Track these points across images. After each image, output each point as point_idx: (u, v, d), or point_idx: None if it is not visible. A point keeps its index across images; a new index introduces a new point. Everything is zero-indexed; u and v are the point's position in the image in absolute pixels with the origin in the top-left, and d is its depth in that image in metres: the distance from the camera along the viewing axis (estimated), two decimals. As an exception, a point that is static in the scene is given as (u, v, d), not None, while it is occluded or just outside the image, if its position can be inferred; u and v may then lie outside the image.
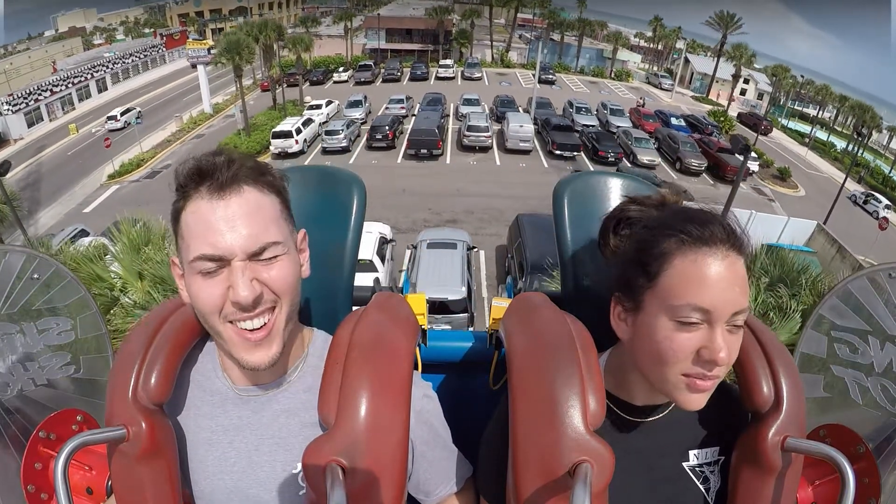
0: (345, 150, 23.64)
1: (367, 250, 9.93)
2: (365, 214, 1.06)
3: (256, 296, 0.71)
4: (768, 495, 0.79)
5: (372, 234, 10.58)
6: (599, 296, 1.02)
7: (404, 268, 12.12)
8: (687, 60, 47.95)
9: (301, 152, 23.32)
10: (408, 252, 12.34)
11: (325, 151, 23.65)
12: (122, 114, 28.95)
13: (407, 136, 23.63)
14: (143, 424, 0.75)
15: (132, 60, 41.51)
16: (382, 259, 10.58)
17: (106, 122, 28.73)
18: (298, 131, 23.50)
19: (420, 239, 11.33)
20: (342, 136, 23.47)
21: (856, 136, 30.95)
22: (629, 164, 23.45)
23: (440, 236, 11.59)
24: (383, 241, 11.06)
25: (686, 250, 0.71)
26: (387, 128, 23.92)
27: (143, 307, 4.45)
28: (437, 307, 9.29)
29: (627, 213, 0.85)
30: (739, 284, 0.71)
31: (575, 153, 23.68)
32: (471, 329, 9.37)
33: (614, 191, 1.07)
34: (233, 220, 0.70)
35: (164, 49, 42.89)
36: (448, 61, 43.72)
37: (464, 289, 9.65)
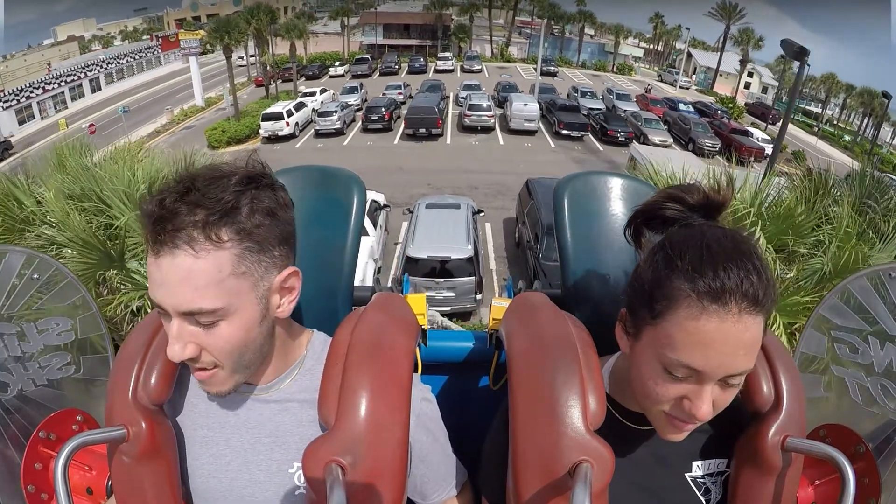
0: (339, 133, 22.76)
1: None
2: (365, 214, 1.06)
3: (187, 358, 0.68)
4: (768, 495, 0.79)
5: None
6: (599, 296, 1.02)
7: (400, 240, 10.55)
8: (689, 55, 47.75)
9: (292, 136, 22.53)
10: (404, 225, 10.68)
11: (317, 134, 22.84)
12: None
13: (404, 115, 22.56)
14: (143, 424, 0.75)
15: (126, 61, 41.15)
16: (375, 224, 9.64)
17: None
18: (290, 113, 22.57)
19: (418, 202, 10.06)
20: (336, 117, 22.56)
21: (884, 98, 30.24)
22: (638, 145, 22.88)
23: (441, 200, 10.38)
24: (376, 207, 10.06)
25: (693, 303, 0.64)
26: (383, 109, 23.02)
27: (58, 227, 3.77)
28: (439, 271, 8.09)
29: (665, 212, 0.76)
30: (745, 348, 0.64)
31: (582, 133, 22.72)
32: (477, 297, 8.47)
33: (615, 191, 1.07)
34: (163, 282, 0.66)
35: (160, 51, 42.67)
36: (447, 54, 43.52)
37: (470, 247, 8.29)
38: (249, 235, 0.68)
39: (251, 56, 35.83)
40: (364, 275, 8.06)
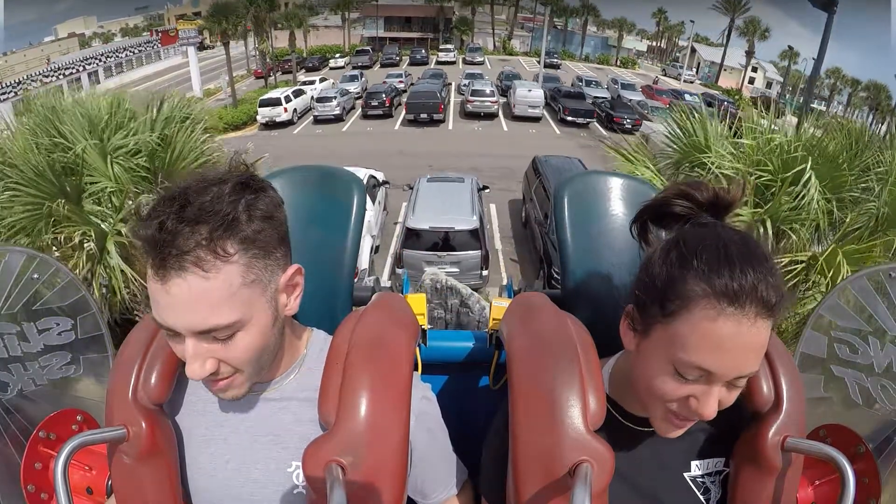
0: (338, 119, 22.25)
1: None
2: (365, 214, 1.06)
3: (208, 374, 0.68)
4: (768, 495, 0.79)
5: (361, 172, 8.70)
6: (600, 296, 1.02)
7: (400, 219, 9.91)
8: (693, 49, 47.34)
9: (290, 122, 21.93)
10: (404, 205, 9.88)
11: (316, 120, 22.28)
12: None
13: (405, 101, 22.15)
14: (143, 424, 0.75)
15: (126, 55, 40.51)
16: (373, 200, 9.17)
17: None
18: (288, 99, 21.94)
19: (419, 178, 9.45)
20: (335, 103, 22.05)
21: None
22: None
23: (444, 175, 9.83)
24: (374, 184, 9.62)
25: (709, 305, 0.63)
26: (383, 94, 22.64)
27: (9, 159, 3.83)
28: (442, 244, 7.62)
29: (674, 209, 0.75)
30: (755, 350, 0.64)
31: (588, 120, 22.01)
32: (483, 273, 8.00)
33: (615, 191, 1.07)
34: (174, 305, 0.64)
35: (160, 45, 42.33)
36: (449, 46, 43.06)
37: (475, 218, 7.80)
38: (253, 243, 0.67)
39: (251, 50, 35.68)
40: (360, 249, 7.80)
